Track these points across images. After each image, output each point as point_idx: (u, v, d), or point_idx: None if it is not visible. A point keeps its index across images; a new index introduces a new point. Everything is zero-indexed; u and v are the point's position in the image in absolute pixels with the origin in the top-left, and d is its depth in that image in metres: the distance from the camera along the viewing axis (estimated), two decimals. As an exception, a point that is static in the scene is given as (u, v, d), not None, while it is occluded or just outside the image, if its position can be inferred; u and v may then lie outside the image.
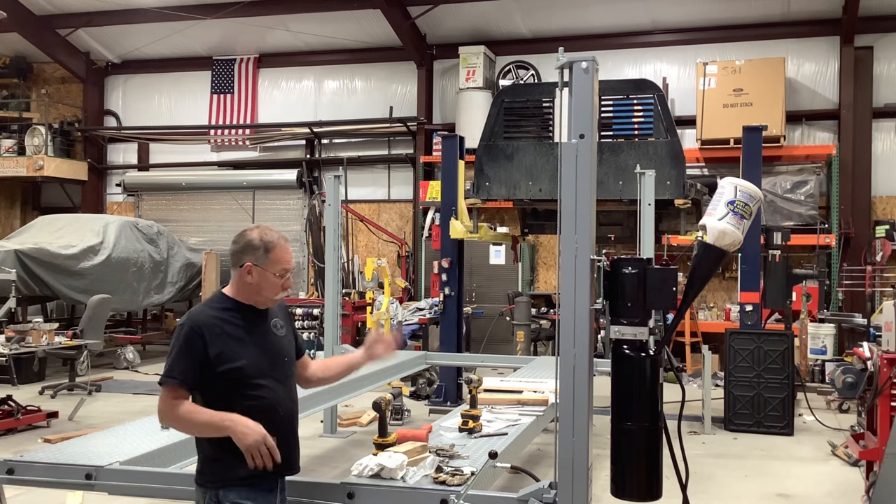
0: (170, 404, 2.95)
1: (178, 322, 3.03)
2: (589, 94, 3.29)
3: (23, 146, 15.94)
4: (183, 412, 2.94)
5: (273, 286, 3.11)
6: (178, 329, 2.99)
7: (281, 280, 3.12)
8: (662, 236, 9.42)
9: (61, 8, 15.19)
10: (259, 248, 3.07)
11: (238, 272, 3.10)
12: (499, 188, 8.25)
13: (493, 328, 12.30)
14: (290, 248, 3.18)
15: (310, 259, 14.47)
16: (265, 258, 3.07)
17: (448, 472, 3.53)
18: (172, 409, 2.95)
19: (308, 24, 14.56)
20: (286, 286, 3.15)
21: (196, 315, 3.03)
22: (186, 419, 2.96)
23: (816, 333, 11.04)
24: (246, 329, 3.08)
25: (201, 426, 2.97)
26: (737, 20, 13.21)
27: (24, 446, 7.26)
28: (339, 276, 8.02)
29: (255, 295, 3.12)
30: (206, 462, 3.05)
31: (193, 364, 2.95)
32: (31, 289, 11.11)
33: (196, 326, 2.97)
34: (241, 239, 3.11)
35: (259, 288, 3.10)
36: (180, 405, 2.95)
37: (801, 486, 6.56)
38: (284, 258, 3.11)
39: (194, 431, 3.04)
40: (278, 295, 3.15)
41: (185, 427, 3.04)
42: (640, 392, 3.29)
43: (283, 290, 3.15)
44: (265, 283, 3.09)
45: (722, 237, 3.26)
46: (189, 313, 3.06)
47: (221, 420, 2.93)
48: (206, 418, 2.95)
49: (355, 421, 8.57)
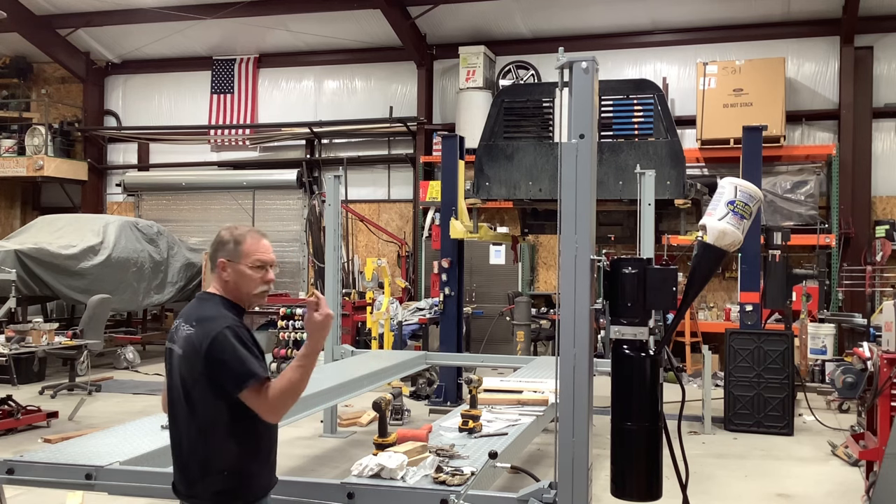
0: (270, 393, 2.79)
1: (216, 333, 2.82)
2: (589, 94, 3.30)
3: (23, 146, 15.93)
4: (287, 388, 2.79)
5: (249, 280, 2.98)
6: (221, 337, 2.81)
7: (258, 274, 2.99)
8: (662, 236, 9.42)
9: (61, 8, 15.19)
10: (229, 243, 2.98)
11: (216, 273, 3.00)
12: (499, 188, 8.24)
13: (493, 328, 12.30)
14: (264, 240, 3.05)
15: (310, 259, 14.47)
16: (236, 251, 2.97)
17: (448, 472, 3.53)
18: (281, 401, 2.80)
19: (308, 24, 14.56)
20: (266, 280, 3.02)
21: (226, 318, 2.88)
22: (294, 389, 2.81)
23: (816, 333, 11.04)
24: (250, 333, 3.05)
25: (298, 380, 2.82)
26: (737, 20, 13.21)
27: (24, 446, 7.25)
28: (339, 276, 8.02)
29: (236, 292, 3.00)
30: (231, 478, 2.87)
31: (260, 354, 2.87)
32: (31, 289, 11.11)
33: (238, 326, 2.86)
34: (216, 238, 3.04)
35: (237, 285, 2.98)
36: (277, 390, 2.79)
37: (801, 486, 6.56)
38: (257, 248, 2.99)
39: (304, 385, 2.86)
40: (258, 289, 3.01)
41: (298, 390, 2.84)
42: (640, 392, 3.30)
43: (264, 285, 3.02)
44: (241, 278, 2.97)
45: (722, 237, 3.26)
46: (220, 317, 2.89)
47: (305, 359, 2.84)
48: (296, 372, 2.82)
49: (355, 421, 8.57)
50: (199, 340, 2.83)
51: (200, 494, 2.90)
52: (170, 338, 3.02)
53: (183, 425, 2.92)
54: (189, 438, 2.90)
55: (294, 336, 11.20)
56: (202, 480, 2.88)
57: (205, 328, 2.85)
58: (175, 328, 2.99)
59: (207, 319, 2.88)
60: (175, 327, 3.00)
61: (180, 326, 2.95)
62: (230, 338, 2.81)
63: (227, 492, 2.87)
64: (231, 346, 2.81)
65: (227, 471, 2.86)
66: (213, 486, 2.87)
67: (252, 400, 2.80)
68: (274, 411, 2.82)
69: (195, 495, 2.91)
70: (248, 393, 2.79)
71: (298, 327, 11.24)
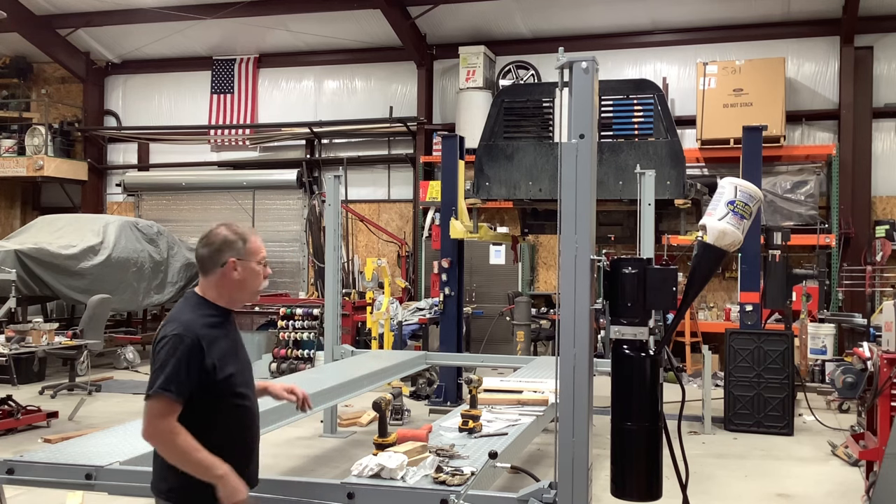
0: (167, 426, 2.78)
1: (169, 331, 2.86)
2: (589, 94, 3.30)
3: (23, 146, 15.93)
4: (181, 443, 2.79)
5: (257, 276, 3.07)
6: (173, 339, 2.83)
7: (262, 270, 3.09)
8: (662, 236, 9.42)
9: (61, 8, 15.19)
10: (237, 241, 3.02)
11: (220, 272, 3.00)
12: (499, 188, 8.24)
13: (493, 328, 12.30)
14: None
15: (310, 259, 14.48)
16: (244, 249, 3.02)
17: (448, 472, 3.53)
18: (170, 435, 2.78)
19: (308, 24, 14.56)
20: (267, 274, 3.13)
21: (191, 324, 2.89)
22: (182, 451, 2.80)
23: (816, 333, 11.03)
24: (230, 336, 3.05)
25: (194, 464, 2.81)
26: (737, 20, 13.21)
27: (24, 446, 7.25)
28: (339, 276, 8.02)
29: (239, 291, 3.04)
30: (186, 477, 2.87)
31: (191, 377, 2.82)
32: (31, 289, 11.11)
33: (196, 338, 2.85)
34: (214, 239, 3.03)
35: (244, 282, 3.03)
36: (179, 434, 2.79)
37: (801, 486, 6.56)
38: (261, 246, 3.10)
39: (183, 465, 2.82)
40: (262, 284, 3.11)
41: (175, 457, 2.82)
42: (640, 392, 3.30)
43: (265, 279, 3.13)
44: (250, 275, 3.04)
45: (722, 237, 3.26)
46: (182, 322, 2.90)
47: (216, 467, 2.82)
48: (203, 459, 2.80)
49: (355, 421, 8.57)
50: (155, 341, 2.91)
51: (162, 491, 2.95)
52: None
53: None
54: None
55: (294, 336, 11.20)
56: (160, 478, 2.94)
57: (165, 329, 2.91)
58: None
59: (171, 320, 2.95)
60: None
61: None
62: (178, 343, 2.83)
63: (183, 489, 2.89)
64: (171, 350, 2.83)
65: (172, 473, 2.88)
66: (168, 482, 2.92)
67: (150, 409, 2.80)
68: (152, 434, 2.82)
69: (160, 492, 2.96)
70: (152, 401, 2.80)
71: (298, 327, 11.24)
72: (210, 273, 3.02)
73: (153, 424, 2.80)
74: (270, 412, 4.91)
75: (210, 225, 3.12)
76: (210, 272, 3.02)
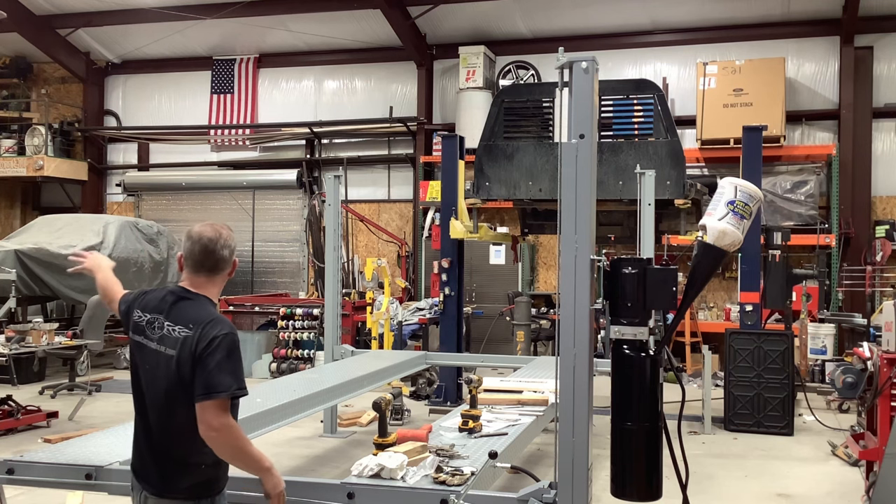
0: (230, 422, 2.83)
1: (219, 331, 2.86)
2: (589, 94, 3.30)
3: (23, 146, 15.93)
4: (243, 437, 2.89)
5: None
6: (230, 338, 2.87)
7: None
8: (662, 236, 9.42)
9: (61, 8, 15.19)
10: (233, 242, 3.11)
11: (227, 272, 3.10)
12: (499, 188, 8.24)
13: (493, 328, 12.30)
14: None
15: (310, 259, 14.48)
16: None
17: (448, 472, 3.53)
18: (235, 430, 2.85)
19: (308, 24, 14.56)
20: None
21: (228, 324, 2.95)
22: (244, 444, 2.89)
23: (816, 333, 11.04)
24: None
25: (250, 456, 2.90)
26: (737, 20, 13.21)
27: (24, 446, 7.26)
28: (339, 276, 8.01)
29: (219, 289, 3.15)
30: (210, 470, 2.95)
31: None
32: (31, 289, 11.11)
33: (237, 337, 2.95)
34: (229, 240, 3.06)
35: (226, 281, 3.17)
36: (239, 429, 2.88)
37: (801, 486, 6.56)
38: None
39: (239, 458, 2.90)
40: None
41: (235, 451, 2.88)
42: (640, 392, 3.30)
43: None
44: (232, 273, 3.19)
45: (722, 237, 3.26)
46: (227, 322, 2.96)
47: (264, 459, 2.93)
48: (256, 451, 2.91)
49: (355, 421, 8.57)
50: (197, 342, 2.85)
51: (176, 489, 2.93)
52: (139, 331, 3.00)
53: (163, 422, 2.94)
54: (169, 435, 2.93)
55: (294, 336, 11.20)
56: (181, 475, 2.93)
57: (212, 328, 2.87)
58: (150, 323, 2.97)
59: (214, 320, 2.92)
60: (150, 322, 2.97)
61: (165, 325, 2.93)
62: (233, 343, 2.87)
63: (203, 484, 2.96)
64: (228, 351, 2.85)
65: (205, 464, 2.93)
66: (191, 479, 2.94)
67: (220, 410, 2.80)
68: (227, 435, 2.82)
69: (171, 489, 2.94)
70: (219, 401, 2.80)
71: (298, 327, 11.24)
72: (221, 272, 3.07)
73: (220, 420, 2.80)
74: (271, 412, 4.92)
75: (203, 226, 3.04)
76: (222, 271, 3.07)
